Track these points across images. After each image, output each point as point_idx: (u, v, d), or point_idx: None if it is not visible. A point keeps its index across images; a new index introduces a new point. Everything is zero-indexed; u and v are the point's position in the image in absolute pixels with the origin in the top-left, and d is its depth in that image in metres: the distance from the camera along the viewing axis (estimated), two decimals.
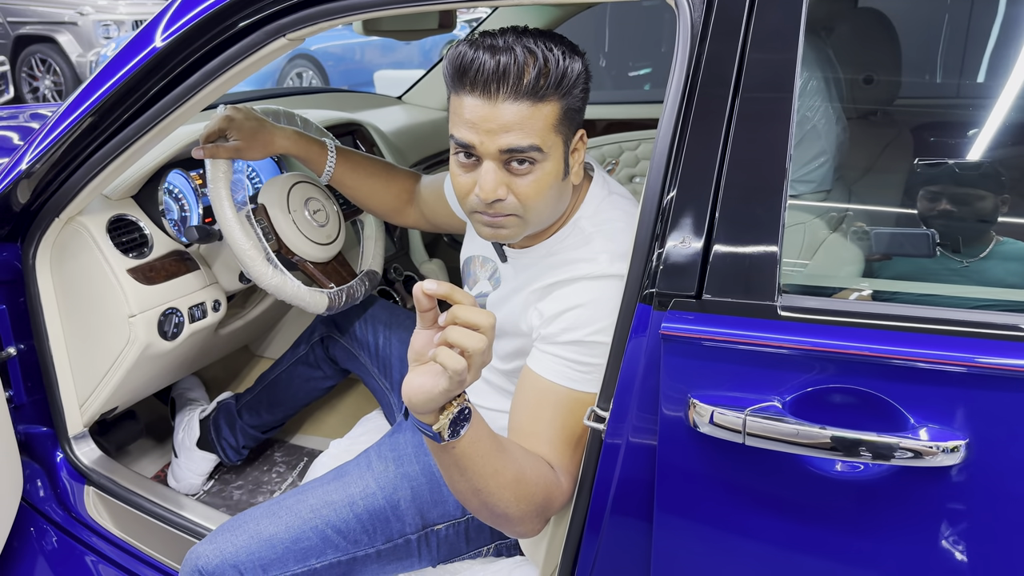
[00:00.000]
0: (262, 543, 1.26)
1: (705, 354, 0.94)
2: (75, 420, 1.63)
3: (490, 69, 1.05)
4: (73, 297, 1.55)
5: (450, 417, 0.95)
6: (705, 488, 0.97)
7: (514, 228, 1.15)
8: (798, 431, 0.88)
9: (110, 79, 1.32)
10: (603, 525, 1.06)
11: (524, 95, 1.06)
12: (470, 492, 1.04)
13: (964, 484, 0.86)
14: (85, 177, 1.40)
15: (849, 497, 0.90)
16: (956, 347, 0.85)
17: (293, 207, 1.63)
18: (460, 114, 1.09)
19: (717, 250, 0.95)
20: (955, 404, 0.85)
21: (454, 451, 0.98)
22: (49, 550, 1.56)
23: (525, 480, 1.06)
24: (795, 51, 0.93)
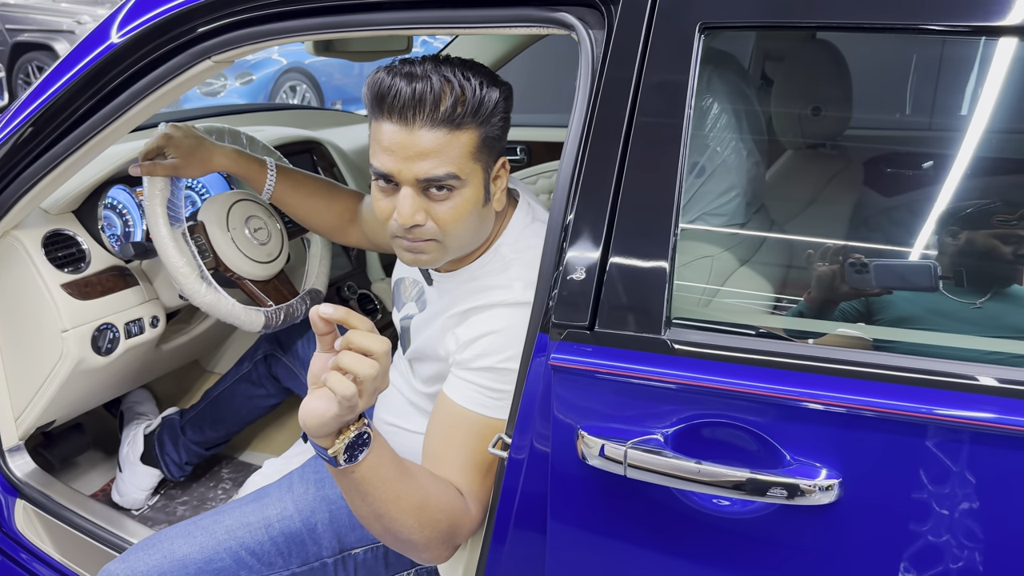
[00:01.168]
0: (174, 563, 1.26)
1: (592, 385, 0.94)
2: (10, 433, 1.63)
3: (407, 96, 1.06)
4: (7, 311, 1.56)
5: (346, 442, 0.95)
6: (592, 517, 0.97)
7: (433, 254, 1.15)
8: (675, 465, 0.88)
9: (44, 93, 1.33)
10: (504, 548, 1.06)
11: (441, 123, 1.07)
12: (372, 517, 1.04)
13: (839, 522, 0.86)
14: (19, 191, 1.41)
15: (728, 534, 0.91)
16: (833, 387, 0.85)
17: (232, 225, 1.64)
18: (379, 141, 1.10)
19: (609, 281, 0.95)
20: (831, 443, 0.86)
21: (353, 475, 0.98)
22: None
23: (430, 506, 1.06)
24: (685, 87, 0.94)
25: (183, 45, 1.25)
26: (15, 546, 1.58)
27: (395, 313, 1.43)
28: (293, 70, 7.81)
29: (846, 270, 1.07)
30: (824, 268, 1.09)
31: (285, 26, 1.21)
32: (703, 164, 1.16)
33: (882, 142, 1.93)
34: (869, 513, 0.85)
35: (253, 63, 7.58)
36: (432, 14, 1.11)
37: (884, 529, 0.85)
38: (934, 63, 1.55)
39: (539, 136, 2.81)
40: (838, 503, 0.85)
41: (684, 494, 0.91)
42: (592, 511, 0.97)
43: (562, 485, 0.98)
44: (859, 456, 0.85)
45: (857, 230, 1.50)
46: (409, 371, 1.37)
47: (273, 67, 7.62)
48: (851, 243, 1.42)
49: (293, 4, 1.18)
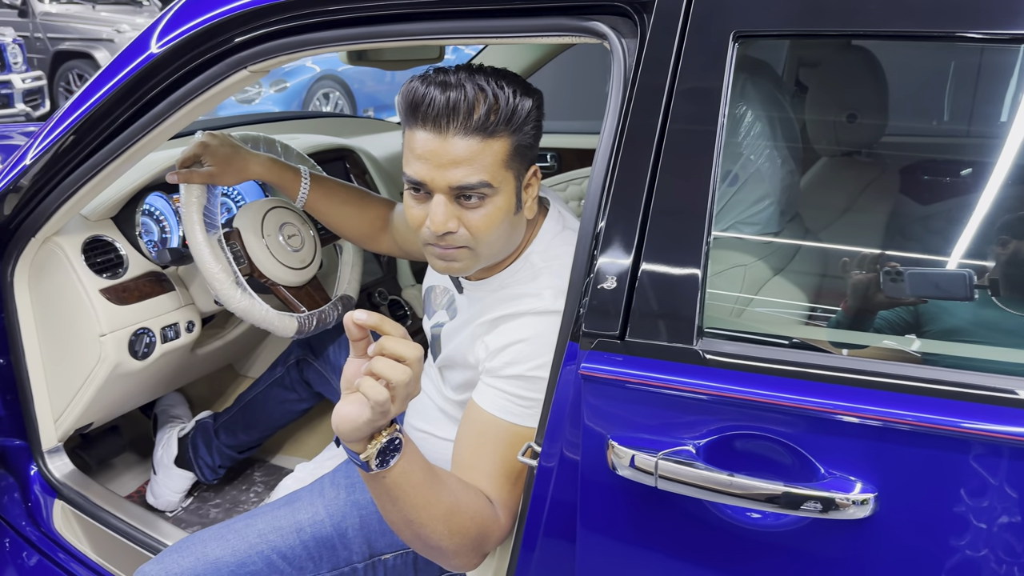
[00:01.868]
0: (207, 565, 1.28)
1: (623, 396, 0.94)
2: (49, 434, 1.66)
3: (441, 104, 1.07)
4: (49, 315, 1.59)
5: (378, 447, 0.96)
6: (622, 528, 0.97)
7: (466, 261, 1.16)
8: (707, 477, 0.87)
9: (86, 102, 1.36)
10: (533, 556, 1.06)
11: (474, 131, 1.07)
12: (402, 522, 1.04)
13: (873, 537, 0.85)
14: (60, 198, 1.44)
15: (760, 547, 0.90)
16: (868, 399, 0.84)
17: (267, 232, 1.66)
18: (412, 149, 1.11)
19: (640, 290, 0.95)
20: (866, 457, 0.85)
21: (384, 480, 0.99)
22: (15, 562, 1.59)
23: (459, 513, 1.06)
24: (719, 96, 0.93)
25: (220, 55, 1.27)
26: (54, 546, 1.61)
27: (425, 321, 1.43)
28: (326, 77, 7.90)
29: (882, 279, 1.06)
30: (860, 277, 1.07)
31: (319, 36, 1.23)
32: (736, 172, 1.15)
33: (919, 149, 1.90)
34: (904, 528, 0.84)
35: (287, 71, 7.68)
36: (465, 24, 1.12)
37: (919, 545, 0.83)
38: (973, 70, 1.52)
39: (569, 143, 2.81)
40: (873, 518, 0.84)
41: (715, 506, 0.91)
42: (622, 521, 0.97)
43: (592, 495, 0.98)
44: (894, 470, 0.83)
45: (893, 238, 1.48)
46: (439, 378, 1.37)
47: (307, 75, 7.71)
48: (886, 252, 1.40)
49: (327, 15, 1.20)
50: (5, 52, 7.06)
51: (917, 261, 1.19)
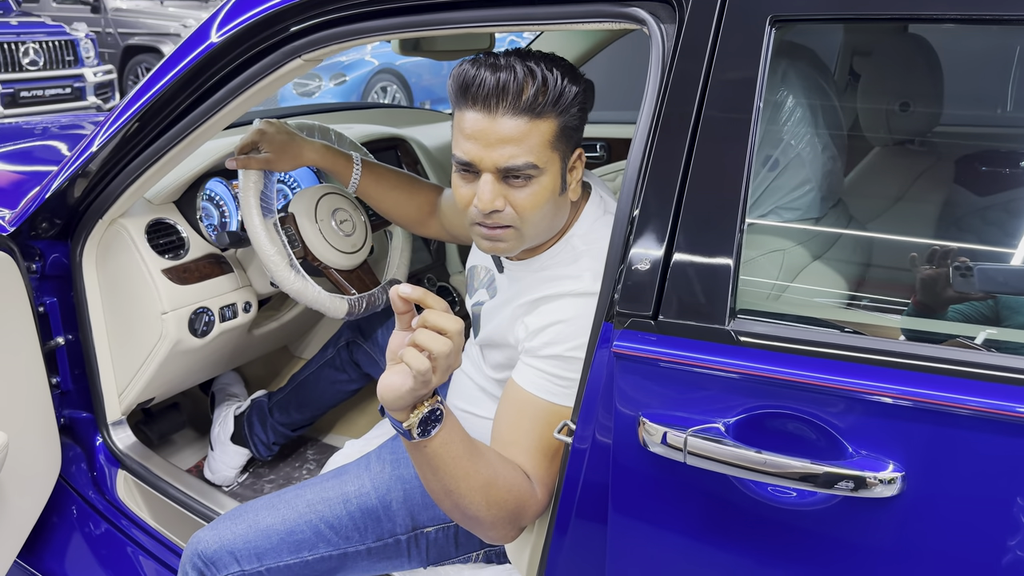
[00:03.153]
0: (259, 533, 1.34)
1: (654, 374, 0.96)
2: (114, 408, 1.75)
3: (491, 85, 1.11)
4: (114, 294, 1.67)
5: (420, 416, 1.00)
6: (653, 503, 0.99)
7: (511, 242, 1.19)
8: (735, 453, 0.89)
9: (150, 90, 1.43)
10: (567, 536, 1.09)
11: (523, 111, 1.11)
12: (442, 492, 1.09)
13: (900, 516, 0.86)
14: (125, 181, 1.52)
15: (787, 525, 0.91)
16: (897, 380, 0.85)
17: (320, 216, 1.72)
18: (462, 129, 1.15)
19: (673, 272, 0.97)
20: (895, 437, 0.85)
21: (426, 450, 1.03)
22: (82, 528, 1.68)
23: (497, 486, 1.10)
24: (755, 82, 0.94)
25: (275, 44, 1.32)
26: (117, 513, 1.69)
27: (467, 299, 1.47)
28: (384, 71, 8.02)
29: (952, 274, 1.05)
30: (929, 272, 1.06)
31: (370, 25, 1.27)
32: (776, 158, 1.16)
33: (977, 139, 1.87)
34: (932, 508, 0.84)
35: (346, 64, 7.82)
36: (508, 11, 1.15)
37: (946, 525, 0.84)
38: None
39: (619, 133, 2.82)
40: (900, 497, 0.85)
41: (743, 484, 0.92)
42: (652, 498, 0.99)
43: (623, 472, 1.00)
44: (921, 450, 0.84)
45: (947, 230, 1.46)
46: (480, 357, 1.41)
47: (365, 68, 7.84)
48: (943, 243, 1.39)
49: (377, 4, 1.24)
50: (78, 47, 7.33)
51: (974, 253, 1.17)
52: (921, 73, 1.74)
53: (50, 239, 1.63)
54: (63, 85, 7.16)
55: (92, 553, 1.65)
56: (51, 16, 8.28)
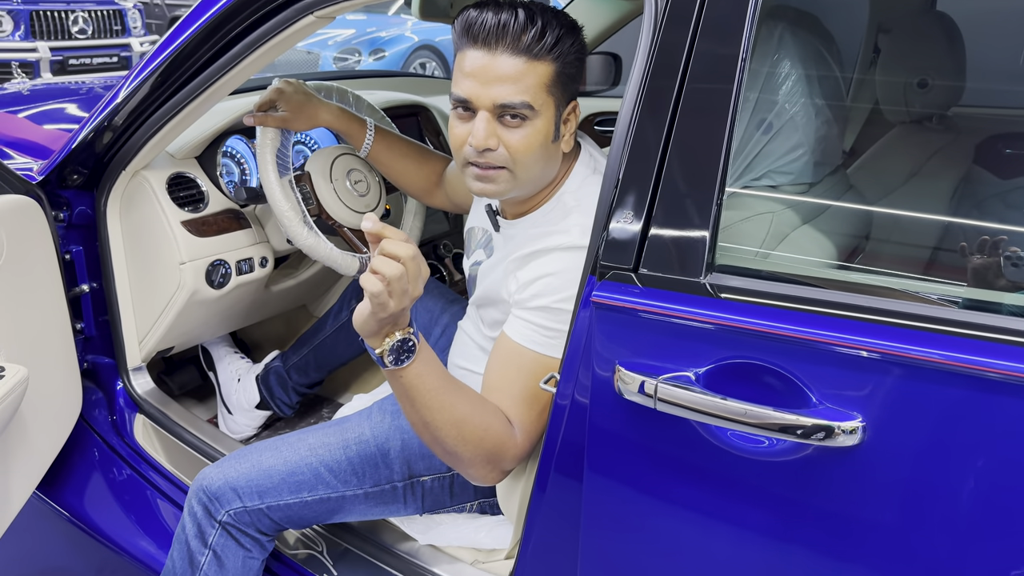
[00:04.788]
0: (261, 472, 1.39)
1: (630, 323, 0.99)
2: (134, 354, 1.82)
3: (492, 25, 1.15)
4: (136, 244, 1.74)
5: (391, 344, 1.06)
6: (626, 449, 1.02)
7: (503, 184, 1.22)
8: (702, 400, 0.92)
9: (170, 46, 1.48)
10: (548, 484, 1.13)
11: (522, 51, 1.15)
12: (420, 424, 1.15)
13: (860, 465, 0.88)
14: (147, 133, 1.57)
15: (752, 473, 0.94)
16: (861, 332, 0.87)
17: (335, 176, 1.77)
18: (462, 68, 1.19)
19: (654, 227, 1.00)
20: (857, 387, 0.87)
21: (401, 380, 1.10)
22: (100, 467, 1.76)
23: (472, 423, 1.15)
24: (739, 44, 0.96)
25: (289, 1, 1.36)
26: (134, 455, 1.77)
27: (465, 261, 1.51)
28: (424, 48, 8.05)
29: (1002, 263, 1.05)
30: (980, 261, 1.06)
31: None
32: (770, 121, 1.18)
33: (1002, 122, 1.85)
34: (891, 457, 0.86)
35: (386, 40, 7.87)
36: None
37: (905, 474, 0.86)
38: None
39: None
40: (861, 446, 0.87)
41: (710, 431, 0.95)
42: (625, 443, 1.02)
43: (599, 418, 1.03)
44: (882, 401, 0.86)
45: (963, 208, 1.46)
46: (477, 317, 1.45)
47: (405, 44, 7.88)
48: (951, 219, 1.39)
49: None
50: (126, 17, 7.48)
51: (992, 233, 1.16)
52: (941, 51, 1.73)
53: (76, 189, 1.69)
54: (110, 54, 7.31)
55: (109, 491, 1.72)
56: None
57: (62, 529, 1.72)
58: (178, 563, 1.39)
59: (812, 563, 0.93)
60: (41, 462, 1.55)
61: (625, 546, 1.07)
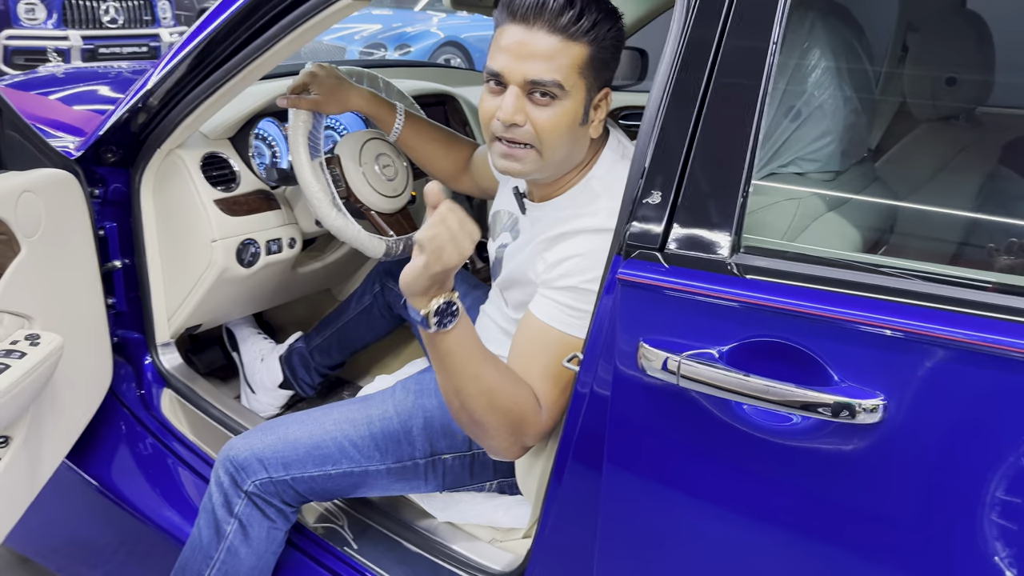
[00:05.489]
0: (287, 445, 1.42)
1: (654, 300, 1.01)
2: (163, 330, 1.86)
3: (532, 2, 1.18)
4: (168, 221, 1.77)
5: (437, 305, 1.09)
6: (647, 428, 1.04)
7: (529, 164, 1.25)
8: (724, 377, 0.94)
9: (207, 28, 1.52)
10: (568, 462, 1.15)
11: (558, 30, 1.17)
12: (452, 391, 1.17)
13: (881, 443, 0.89)
14: (182, 113, 1.61)
15: (774, 449, 0.95)
16: (884, 311, 0.88)
17: (364, 160, 1.80)
18: (499, 43, 1.22)
19: (682, 208, 1.01)
20: (878, 366, 0.89)
21: (442, 344, 1.13)
22: (128, 440, 1.79)
23: (503, 393, 1.18)
24: (768, 39, 0.98)
25: None
26: (160, 427, 1.80)
27: (490, 244, 1.53)
28: (449, 44, 8.10)
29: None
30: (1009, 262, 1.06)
31: None
32: (799, 108, 1.19)
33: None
34: (912, 435, 0.88)
35: (412, 35, 7.92)
36: None
37: (927, 453, 0.87)
38: None
39: None
40: (882, 424, 0.88)
41: (733, 409, 0.96)
42: (647, 419, 1.04)
43: (622, 394, 1.05)
44: (903, 379, 0.87)
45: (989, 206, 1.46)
46: (501, 299, 1.47)
47: (430, 40, 7.94)
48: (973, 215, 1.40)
49: None
50: (156, 7, 7.55)
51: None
52: (970, 50, 1.73)
53: (112, 167, 1.73)
54: (140, 44, 7.39)
55: (136, 463, 1.76)
56: None
57: (90, 499, 1.76)
58: (204, 532, 1.42)
59: (833, 543, 0.94)
60: (72, 430, 1.59)
61: (644, 526, 1.09)
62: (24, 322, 1.43)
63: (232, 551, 1.40)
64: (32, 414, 1.42)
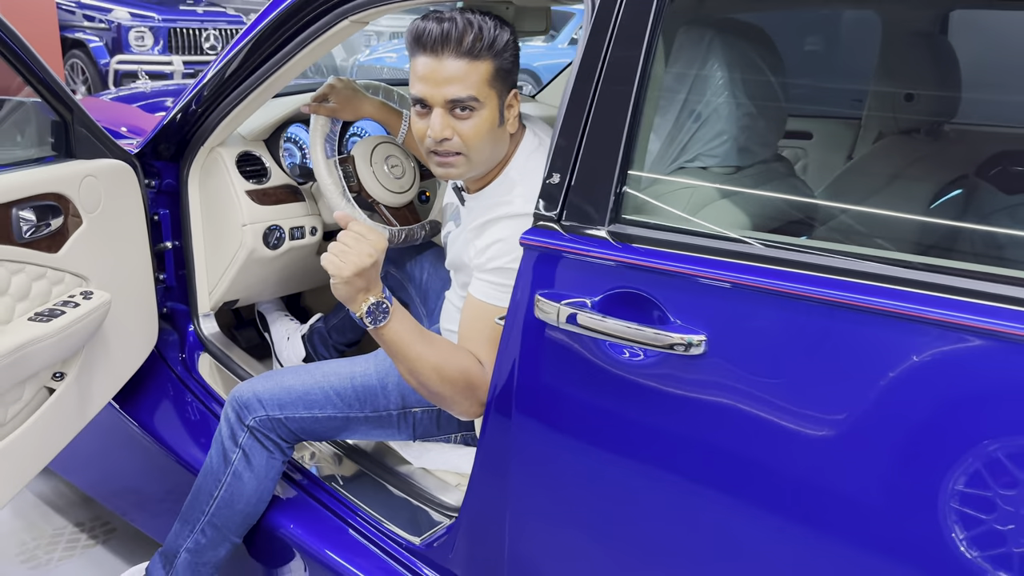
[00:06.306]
0: (282, 389, 1.70)
1: (549, 261, 1.24)
2: (204, 302, 2.18)
3: (436, 34, 1.40)
4: (210, 209, 2.10)
5: (366, 308, 1.34)
6: (539, 365, 1.27)
7: (461, 167, 1.49)
8: (591, 320, 1.16)
9: (236, 46, 1.83)
10: (491, 407, 1.38)
11: (463, 54, 1.40)
12: (407, 373, 1.41)
13: (706, 370, 1.10)
14: (220, 115, 1.93)
15: (631, 376, 1.17)
16: (708, 265, 1.10)
17: (375, 160, 2.08)
18: (415, 72, 1.44)
19: (574, 186, 1.25)
20: (702, 310, 1.10)
21: (383, 336, 1.37)
22: (169, 392, 2.11)
23: (448, 366, 1.41)
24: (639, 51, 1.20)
25: (329, 8, 1.68)
26: (197, 385, 2.12)
27: (442, 231, 1.78)
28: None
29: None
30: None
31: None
32: (699, 111, 1.40)
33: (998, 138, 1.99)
34: (730, 364, 1.08)
35: None
36: None
37: (739, 377, 1.08)
38: None
39: None
40: (705, 355, 1.09)
41: (601, 346, 1.19)
42: (543, 357, 1.27)
43: (524, 342, 1.28)
44: (722, 321, 1.08)
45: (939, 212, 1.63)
46: (454, 282, 1.71)
47: None
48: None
49: None
50: None
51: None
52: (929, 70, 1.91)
53: (166, 161, 2.07)
54: None
55: (174, 411, 2.08)
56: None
57: (143, 451, 2.08)
58: (215, 459, 1.71)
59: (679, 449, 1.15)
60: (118, 376, 1.91)
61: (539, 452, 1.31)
62: (82, 282, 1.76)
63: (237, 475, 1.68)
64: (84, 358, 1.75)
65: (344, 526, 1.70)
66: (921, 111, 1.91)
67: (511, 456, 1.35)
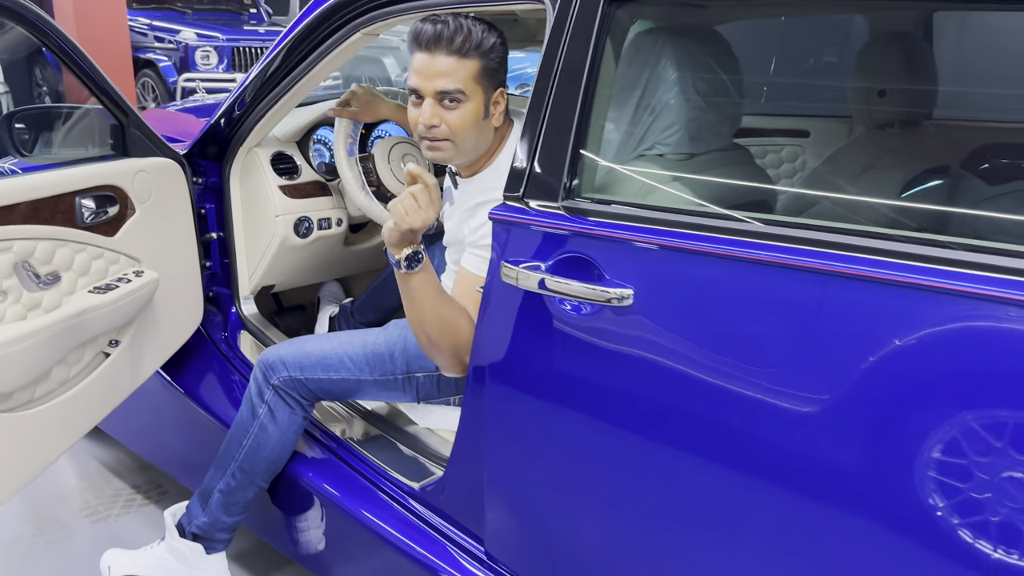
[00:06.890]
0: (303, 354, 1.94)
1: (510, 231, 1.46)
2: (244, 286, 2.45)
3: (431, 33, 1.63)
4: (248, 202, 2.37)
5: (406, 253, 1.55)
6: (505, 316, 1.48)
7: (448, 152, 1.71)
8: (542, 279, 1.37)
9: (270, 55, 2.10)
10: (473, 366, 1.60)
11: (453, 52, 1.62)
12: (416, 319, 1.63)
13: (634, 319, 1.30)
14: (255, 119, 2.20)
15: (575, 325, 1.37)
16: (636, 231, 1.30)
17: (392, 158, 2.33)
18: (412, 66, 1.66)
19: (535, 167, 1.46)
20: (630, 267, 1.30)
21: (409, 281, 1.58)
22: (212, 365, 2.39)
23: (450, 320, 1.62)
24: (586, 55, 1.41)
25: (346, 22, 1.93)
26: (237, 359, 2.38)
27: None
28: None
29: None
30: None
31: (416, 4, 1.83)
32: (653, 105, 1.59)
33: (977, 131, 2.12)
34: (654, 314, 1.28)
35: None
36: None
37: (661, 325, 1.27)
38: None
39: None
40: (633, 306, 1.29)
41: (554, 302, 1.39)
42: (506, 313, 1.48)
43: (493, 297, 1.50)
44: (647, 276, 1.28)
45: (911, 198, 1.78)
46: (448, 260, 1.93)
47: None
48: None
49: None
50: None
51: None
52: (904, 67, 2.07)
53: (211, 160, 2.35)
54: None
55: (216, 380, 2.34)
56: None
57: (183, 409, 2.35)
58: (244, 413, 1.96)
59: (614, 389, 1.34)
60: (166, 347, 2.19)
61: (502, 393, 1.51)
62: (134, 263, 2.04)
63: (263, 427, 1.93)
64: (136, 328, 2.02)
65: (355, 475, 1.93)
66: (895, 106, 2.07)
67: (484, 409, 1.56)
